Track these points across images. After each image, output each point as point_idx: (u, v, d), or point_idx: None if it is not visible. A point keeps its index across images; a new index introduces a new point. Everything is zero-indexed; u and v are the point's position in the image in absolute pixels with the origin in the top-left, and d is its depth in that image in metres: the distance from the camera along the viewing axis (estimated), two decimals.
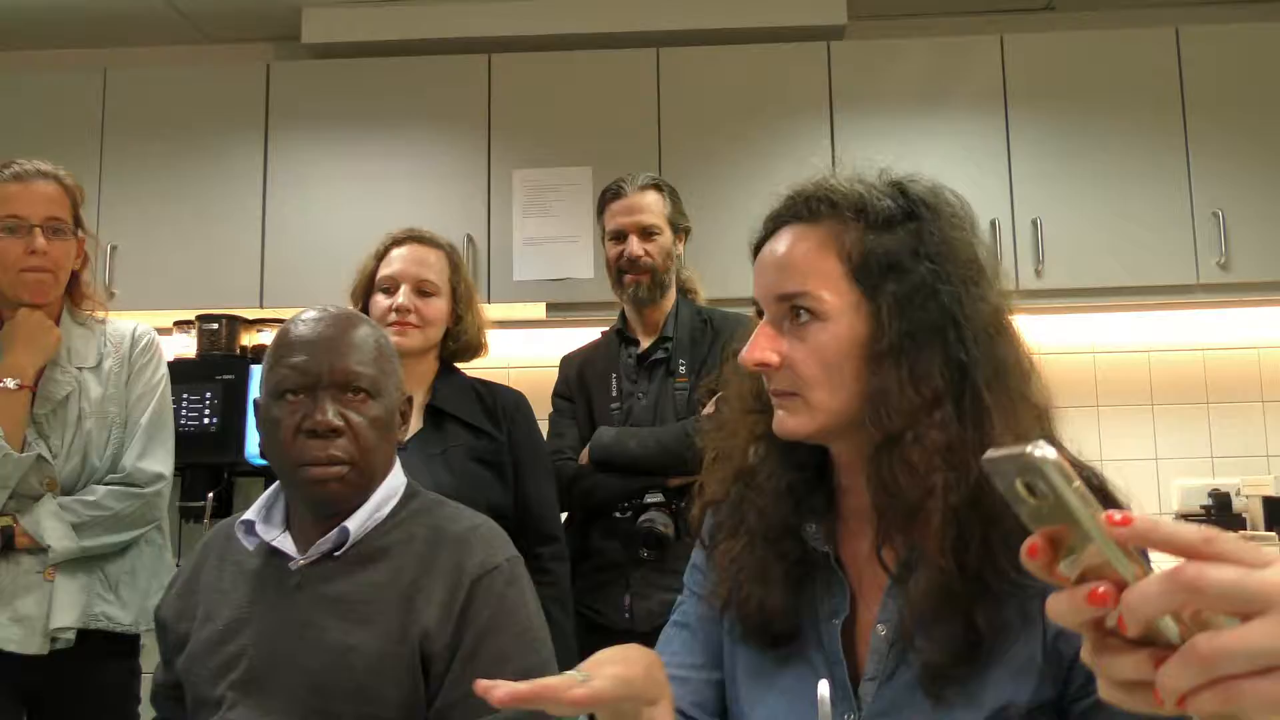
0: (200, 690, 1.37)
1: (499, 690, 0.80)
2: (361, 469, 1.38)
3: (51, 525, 1.87)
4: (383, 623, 1.33)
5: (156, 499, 2.01)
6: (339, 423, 1.36)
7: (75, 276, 2.03)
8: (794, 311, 1.02)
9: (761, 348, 1.04)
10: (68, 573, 1.89)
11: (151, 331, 2.12)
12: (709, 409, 1.19)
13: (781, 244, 1.05)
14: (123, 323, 2.10)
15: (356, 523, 1.38)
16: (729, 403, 1.18)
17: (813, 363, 1.01)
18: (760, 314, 1.08)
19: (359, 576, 1.37)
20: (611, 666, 0.90)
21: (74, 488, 1.94)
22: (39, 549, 1.86)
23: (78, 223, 2.01)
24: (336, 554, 1.38)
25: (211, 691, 1.36)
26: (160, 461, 2.04)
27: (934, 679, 0.97)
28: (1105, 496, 1.01)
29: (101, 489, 1.95)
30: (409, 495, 1.47)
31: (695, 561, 1.23)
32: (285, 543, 1.40)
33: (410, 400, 1.50)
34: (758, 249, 1.10)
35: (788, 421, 1.04)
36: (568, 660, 2.05)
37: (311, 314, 1.44)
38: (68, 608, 1.87)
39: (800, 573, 1.08)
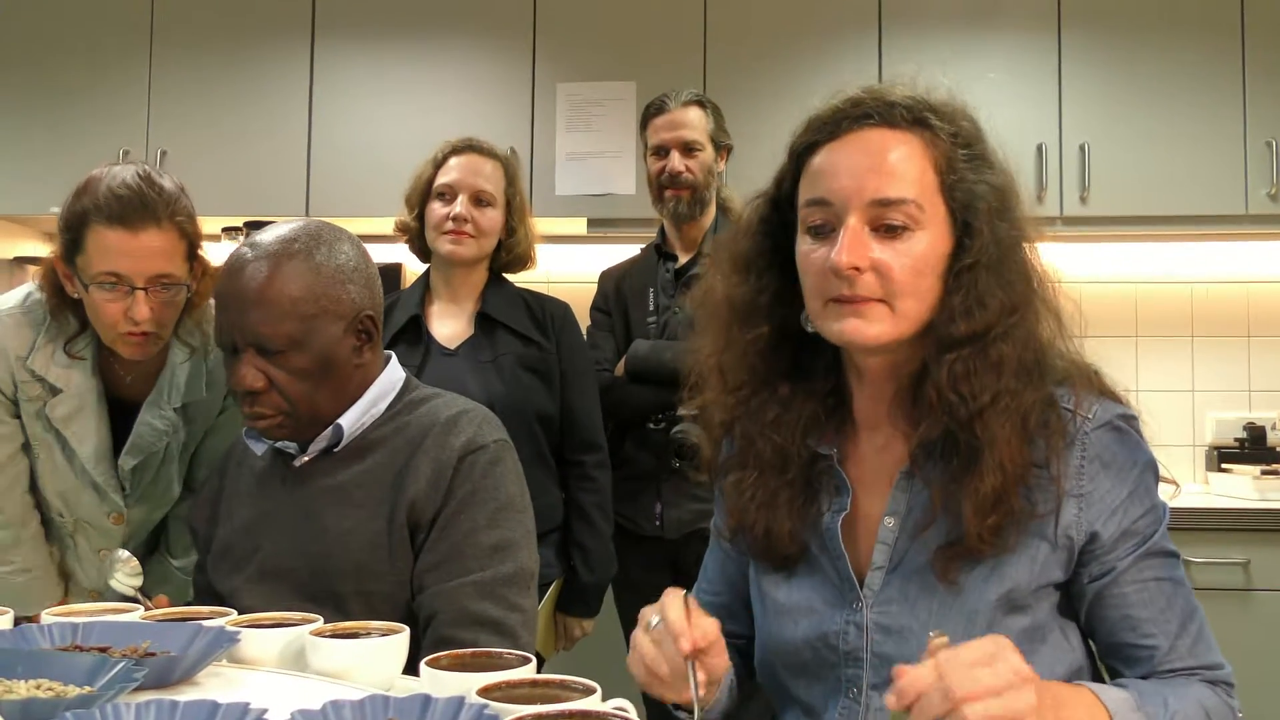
0: (222, 584, 1.46)
1: None
2: (298, 415, 1.39)
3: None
4: (374, 504, 1.39)
5: None
6: (258, 385, 1.36)
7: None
8: (891, 218, 1.01)
9: (858, 251, 1.01)
10: None
11: None
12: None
13: (875, 146, 1.04)
14: None
15: (349, 420, 1.43)
16: (715, 313, 1.16)
17: (907, 270, 1.01)
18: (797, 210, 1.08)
19: (354, 467, 1.42)
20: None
21: (141, 523, 1.84)
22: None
23: (194, 259, 1.67)
24: (335, 449, 1.44)
25: (230, 584, 1.45)
26: None
27: (950, 561, 1.02)
28: (1100, 388, 1.07)
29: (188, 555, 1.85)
30: (405, 389, 1.51)
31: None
32: (288, 444, 1.46)
33: (373, 319, 1.44)
34: (810, 146, 1.08)
35: (866, 330, 1.02)
36: (606, 563, 2.15)
37: (244, 253, 1.39)
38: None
39: (809, 495, 1.11)
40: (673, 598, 0.96)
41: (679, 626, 0.93)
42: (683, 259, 2.39)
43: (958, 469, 1.02)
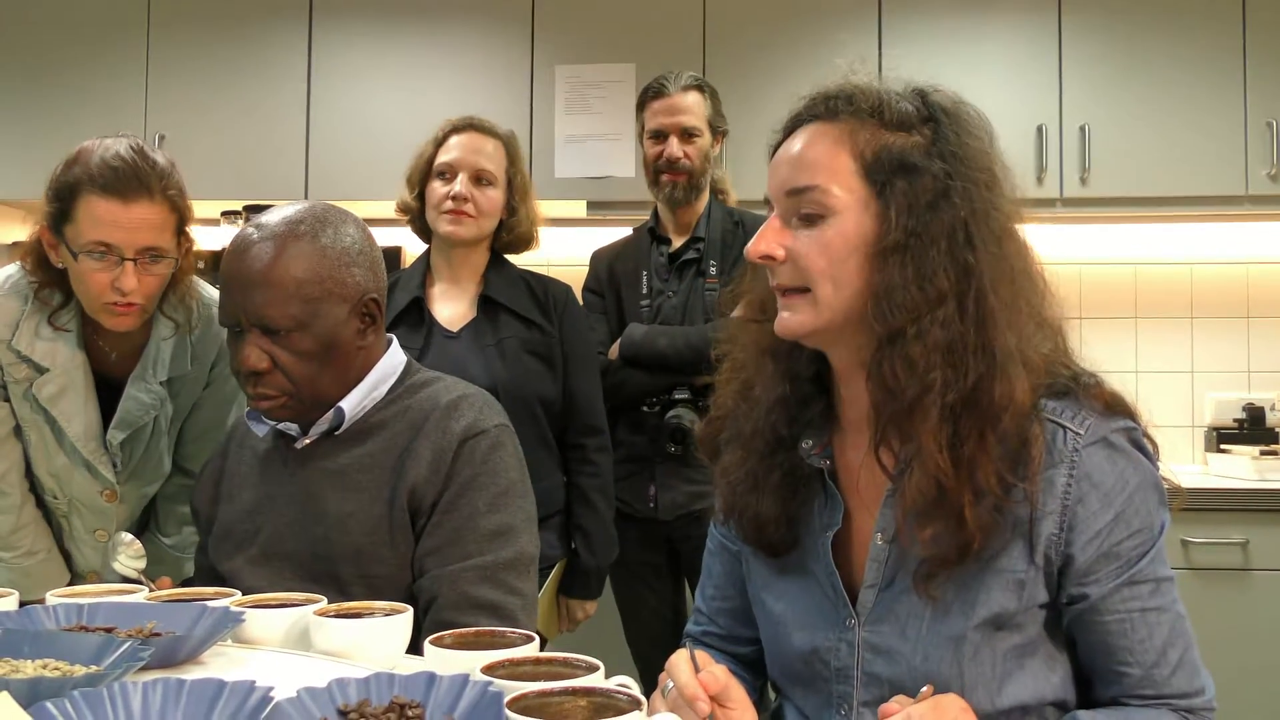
0: (223, 565, 1.47)
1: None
2: (302, 397, 1.40)
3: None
4: (375, 489, 1.40)
5: None
6: (262, 365, 1.36)
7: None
8: (803, 207, 1.03)
9: (767, 241, 1.04)
10: None
11: None
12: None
13: (797, 142, 1.06)
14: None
15: (351, 404, 1.43)
16: (743, 312, 1.18)
17: (817, 256, 1.01)
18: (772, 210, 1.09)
19: (355, 450, 1.43)
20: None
21: (136, 500, 1.84)
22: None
23: (183, 234, 1.67)
24: (336, 432, 1.44)
25: (231, 565, 1.45)
26: None
27: (928, 578, 1.00)
28: (1106, 399, 1.03)
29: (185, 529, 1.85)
30: (407, 373, 1.51)
31: None
32: (290, 425, 1.46)
33: (377, 302, 1.45)
34: (775, 151, 1.09)
35: (790, 320, 1.04)
36: (608, 546, 2.16)
37: (249, 233, 1.39)
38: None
39: (793, 483, 1.11)
40: (679, 659, 0.95)
41: (691, 690, 0.91)
42: (676, 243, 2.39)
43: (910, 473, 1.00)
